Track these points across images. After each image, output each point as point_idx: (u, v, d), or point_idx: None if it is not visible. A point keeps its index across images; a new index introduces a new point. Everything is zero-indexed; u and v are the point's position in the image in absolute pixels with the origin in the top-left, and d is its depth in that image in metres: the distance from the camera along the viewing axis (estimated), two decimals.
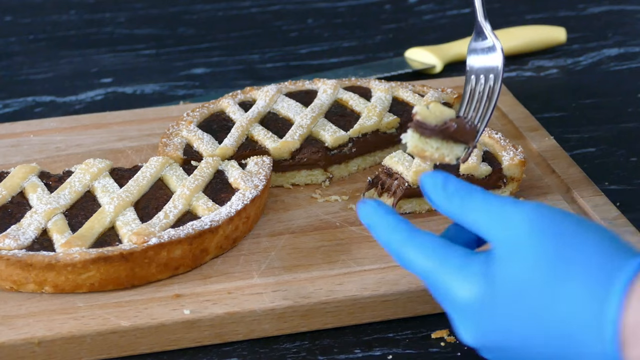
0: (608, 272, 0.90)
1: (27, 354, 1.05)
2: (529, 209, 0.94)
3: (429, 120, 1.04)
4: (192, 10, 1.97)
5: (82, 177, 1.21)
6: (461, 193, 0.97)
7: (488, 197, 0.96)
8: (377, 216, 1.00)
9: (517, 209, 0.94)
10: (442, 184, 0.98)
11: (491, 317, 0.94)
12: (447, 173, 1.00)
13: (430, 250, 0.96)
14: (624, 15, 1.92)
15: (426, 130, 1.04)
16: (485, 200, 0.96)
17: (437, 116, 1.05)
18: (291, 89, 1.42)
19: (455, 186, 0.98)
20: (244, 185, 1.21)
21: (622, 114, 1.56)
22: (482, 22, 1.18)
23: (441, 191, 0.98)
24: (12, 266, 1.09)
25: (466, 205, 0.97)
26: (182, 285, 1.12)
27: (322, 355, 1.08)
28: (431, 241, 0.97)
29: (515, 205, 0.94)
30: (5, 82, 1.69)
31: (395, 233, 0.98)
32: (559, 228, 0.92)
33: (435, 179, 0.99)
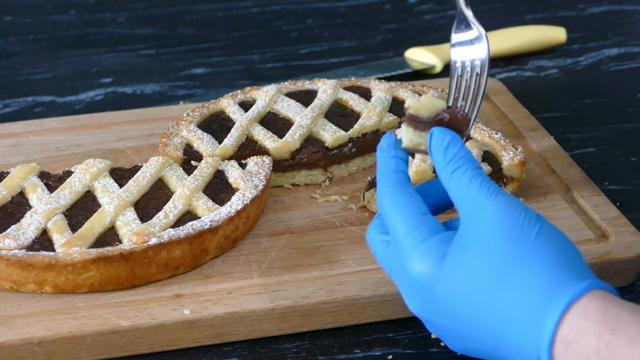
0: (555, 287, 0.93)
1: (27, 354, 1.05)
2: (501, 206, 0.95)
3: (421, 113, 1.04)
4: (192, 10, 1.97)
5: (82, 177, 1.21)
6: (456, 163, 0.99)
7: (475, 178, 0.98)
8: (386, 151, 1.04)
9: (490, 203, 0.96)
10: (445, 146, 1.00)
11: (433, 295, 0.97)
12: (456, 136, 1.02)
13: (405, 212, 1.00)
14: (624, 15, 1.92)
15: (420, 123, 1.04)
16: (471, 182, 0.98)
17: (429, 108, 1.04)
18: (291, 89, 1.42)
19: (453, 154, 1.00)
20: (244, 185, 1.21)
21: (622, 114, 1.56)
22: (464, 9, 1.17)
23: (441, 153, 1.01)
24: (12, 266, 1.09)
25: (454, 178, 0.99)
26: (182, 285, 1.12)
27: (322, 355, 1.08)
28: (410, 204, 1.00)
29: (491, 198, 0.96)
30: (5, 82, 1.69)
31: (387, 177, 1.02)
32: (522, 233, 0.94)
33: (443, 139, 1.01)
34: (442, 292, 0.96)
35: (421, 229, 0.98)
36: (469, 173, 0.98)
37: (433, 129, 1.02)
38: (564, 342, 0.90)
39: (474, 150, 1.26)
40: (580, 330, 0.89)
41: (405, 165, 1.04)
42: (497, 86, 1.55)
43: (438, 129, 1.02)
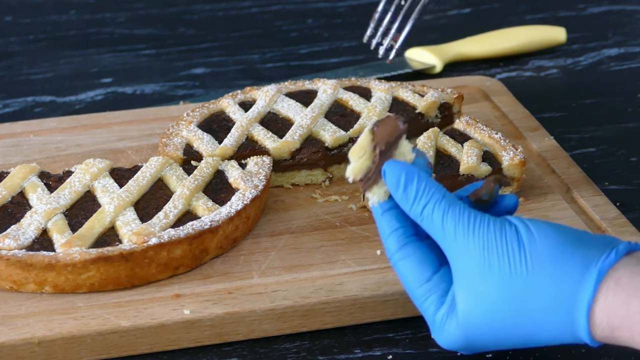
0: (576, 280, 0.92)
1: (27, 354, 1.05)
2: (481, 240, 0.94)
3: (363, 169, 0.99)
4: (192, 10, 1.97)
5: (82, 177, 1.21)
6: (422, 201, 0.96)
7: (446, 216, 0.95)
8: (374, 211, 1.00)
9: (471, 241, 0.94)
10: (403, 184, 0.97)
11: (466, 346, 0.98)
12: (412, 168, 0.97)
13: (410, 284, 0.99)
14: (624, 15, 1.92)
15: (370, 177, 0.99)
16: (443, 221, 0.95)
17: (362, 154, 0.98)
18: (291, 89, 1.42)
19: (415, 190, 0.97)
20: (244, 185, 1.21)
21: (622, 114, 1.56)
22: None
23: (402, 193, 0.97)
24: (12, 266, 1.09)
25: (425, 218, 0.96)
26: (182, 285, 1.12)
27: (322, 355, 1.08)
28: (412, 273, 0.98)
29: (468, 236, 0.94)
30: (5, 82, 1.69)
31: (386, 242, 1.01)
32: (513, 258, 0.94)
33: (398, 176, 0.97)
34: (472, 340, 0.96)
35: (428, 301, 0.98)
36: (439, 209, 0.95)
37: (384, 169, 0.98)
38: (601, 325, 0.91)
39: (474, 151, 1.26)
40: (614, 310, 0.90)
41: (398, 215, 0.99)
42: (497, 86, 1.55)
43: (388, 166, 0.97)
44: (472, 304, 0.94)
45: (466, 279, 0.95)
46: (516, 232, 0.94)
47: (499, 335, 0.95)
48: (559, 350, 1.06)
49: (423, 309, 0.99)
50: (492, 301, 0.94)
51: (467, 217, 0.95)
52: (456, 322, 0.96)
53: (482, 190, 1.00)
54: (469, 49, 1.72)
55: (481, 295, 0.94)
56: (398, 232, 0.99)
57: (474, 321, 0.95)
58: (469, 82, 1.56)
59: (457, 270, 0.96)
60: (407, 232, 1.00)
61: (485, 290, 0.94)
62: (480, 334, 0.95)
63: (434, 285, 0.98)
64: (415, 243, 0.99)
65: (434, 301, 0.98)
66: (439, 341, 0.99)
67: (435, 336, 0.99)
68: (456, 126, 1.34)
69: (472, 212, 0.96)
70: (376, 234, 1.20)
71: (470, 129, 1.33)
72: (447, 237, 0.95)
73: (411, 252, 0.99)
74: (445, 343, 0.98)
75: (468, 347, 0.98)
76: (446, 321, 0.97)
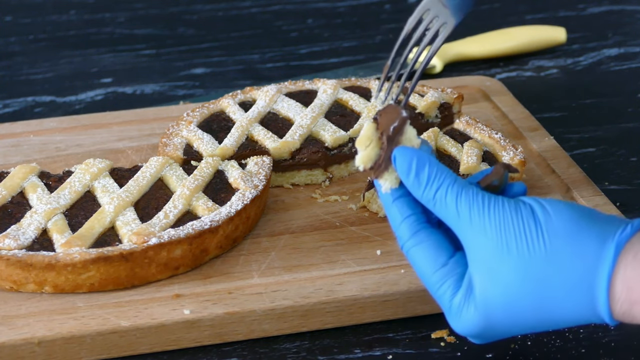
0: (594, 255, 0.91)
1: (27, 354, 1.05)
2: (498, 219, 0.93)
3: (372, 157, 0.99)
4: (192, 10, 1.97)
5: (82, 177, 1.21)
6: (434, 185, 0.96)
7: (460, 197, 0.95)
8: (384, 199, 0.99)
9: (487, 221, 0.94)
10: (415, 169, 0.96)
11: (484, 334, 0.97)
12: (422, 153, 0.97)
13: (425, 270, 0.98)
14: (624, 15, 1.92)
15: (381, 163, 0.99)
16: (457, 203, 0.95)
17: (369, 143, 0.98)
18: (291, 89, 1.42)
19: (428, 174, 0.96)
20: (244, 185, 1.21)
21: (622, 114, 1.56)
22: None
23: (414, 178, 0.96)
24: (12, 266, 1.09)
25: (438, 202, 0.96)
26: (182, 285, 1.12)
27: (322, 355, 1.08)
28: (427, 258, 0.97)
29: (484, 216, 0.94)
30: (5, 82, 1.69)
31: (397, 230, 0.99)
32: (530, 237, 0.93)
33: (410, 161, 0.97)
34: (490, 323, 0.95)
35: (444, 287, 0.97)
36: (452, 192, 0.95)
37: (394, 154, 0.97)
38: (620, 299, 0.91)
39: (474, 151, 1.26)
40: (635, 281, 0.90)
41: (409, 202, 0.99)
42: (497, 86, 1.55)
43: (398, 152, 0.97)
44: (490, 285, 0.93)
45: (483, 261, 0.94)
46: (531, 211, 0.94)
47: (517, 317, 0.94)
48: (559, 351, 1.07)
49: (439, 295, 0.97)
50: (511, 281, 0.93)
51: (481, 198, 0.95)
52: (474, 306, 0.95)
53: (492, 176, 1.00)
54: (469, 49, 1.72)
55: (499, 275, 0.93)
56: (410, 218, 0.98)
57: (492, 303, 0.94)
58: (469, 82, 1.56)
59: (473, 252, 0.94)
60: (420, 218, 0.98)
61: (503, 270, 0.93)
62: (499, 317, 0.94)
63: (450, 270, 0.97)
64: (429, 229, 0.98)
65: (451, 286, 0.96)
66: (457, 327, 0.97)
67: (452, 322, 0.97)
68: (456, 126, 1.34)
69: (486, 194, 0.95)
70: (376, 234, 1.20)
71: (470, 129, 1.33)
72: (462, 220, 0.95)
73: (425, 237, 0.98)
74: (463, 329, 0.97)
75: (485, 331, 0.96)
76: (464, 305, 0.95)
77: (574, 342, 1.08)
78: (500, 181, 1.00)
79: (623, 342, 1.08)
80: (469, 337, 0.98)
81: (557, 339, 1.08)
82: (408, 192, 0.99)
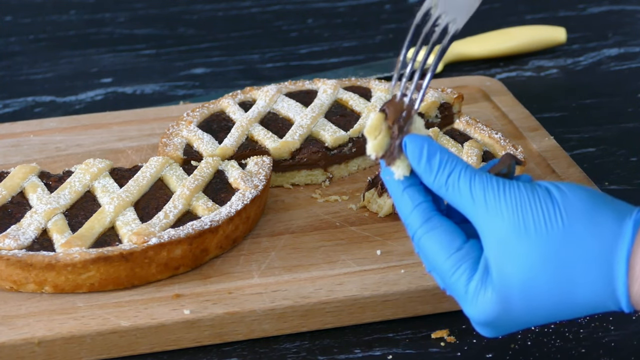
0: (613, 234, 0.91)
1: (27, 354, 1.05)
2: (514, 201, 0.93)
3: (384, 146, 0.98)
4: (192, 10, 1.97)
5: (82, 177, 1.21)
6: (446, 170, 0.95)
7: (473, 182, 0.94)
8: (394, 187, 0.98)
9: (503, 205, 0.93)
10: (427, 155, 0.95)
11: (499, 325, 0.96)
12: (432, 140, 0.96)
13: (438, 256, 0.96)
14: (624, 15, 1.92)
15: (392, 151, 0.98)
16: (471, 188, 0.94)
17: (378, 132, 0.98)
18: (291, 89, 1.42)
19: (440, 159, 0.95)
20: (244, 185, 1.21)
21: (622, 114, 1.56)
22: None
23: (426, 164, 0.96)
24: (12, 266, 1.09)
25: (450, 187, 0.95)
26: (182, 285, 1.12)
27: (322, 355, 1.08)
28: (440, 244, 0.96)
29: (499, 199, 0.93)
30: (5, 82, 1.69)
31: (407, 218, 0.98)
32: (547, 219, 0.92)
33: (421, 148, 0.96)
34: (508, 308, 0.94)
35: (459, 271, 0.95)
36: (465, 177, 0.94)
37: (404, 141, 0.97)
38: (639, 279, 0.90)
39: (474, 151, 1.26)
40: None
41: (420, 190, 0.98)
42: (497, 86, 1.55)
43: (409, 139, 0.96)
44: (509, 267, 0.92)
45: (500, 243, 0.92)
46: (548, 192, 0.93)
47: (535, 300, 0.92)
48: (559, 351, 1.07)
49: (453, 281, 0.95)
50: (529, 261, 0.92)
51: (495, 182, 0.94)
52: (492, 289, 0.93)
53: (500, 165, 0.99)
54: (469, 49, 1.72)
55: (518, 256, 0.92)
56: (422, 206, 0.97)
57: (510, 284, 0.92)
58: (469, 82, 1.56)
59: (489, 235, 0.93)
60: (431, 206, 0.97)
61: (521, 251, 0.92)
62: (517, 299, 0.93)
63: (466, 254, 0.95)
64: (440, 216, 0.97)
65: (466, 270, 0.94)
66: (473, 314, 0.95)
67: (468, 309, 0.95)
68: (456, 126, 1.34)
69: (499, 178, 0.94)
70: (376, 234, 1.20)
71: (470, 129, 1.33)
72: (477, 204, 0.93)
73: (437, 224, 0.96)
74: (479, 315, 0.95)
75: (502, 318, 0.94)
76: (480, 289, 0.94)
77: (574, 342, 1.08)
78: (508, 170, 1.00)
79: (623, 342, 1.08)
80: (484, 325, 0.96)
81: (557, 339, 1.08)
82: (418, 182, 0.98)
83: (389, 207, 1.23)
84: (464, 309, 0.96)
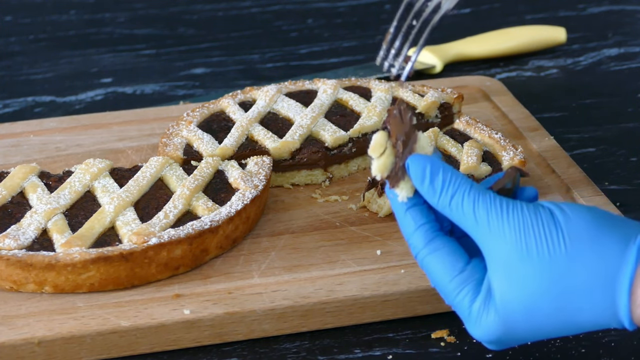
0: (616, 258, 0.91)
1: (27, 354, 1.05)
2: (517, 224, 0.93)
3: (388, 166, 0.98)
4: (192, 10, 1.97)
5: (82, 177, 1.21)
6: (449, 191, 0.95)
7: (477, 203, 0.94)
8: (397, 208, 0.98)
9: (506, 226, 0.93)
10: (429, 176, 0.96)
11: (503, 341, 0.96)
12: (435, 160, 0.96)
13: (441, 278, 0.97)
14: (624, 15, 1.92)
15: (396, 173, 0.98)
16: (475, 209, 0.94)
17: (382, 152, 0.97)
18: (291, 89, 1.42)
19: (443, 180, 0.95)
20: (244, 185, 1.21)
21: (622, 114, 1.56)
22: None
23: (429, 186, 0.96)
24: (12, 266, 1.09)
25: (454, 208, 0.95)
26: (182, 285, 1.12)
27: (322, 355, 1.08)
28: (443, 267, 0.96)
29: (503, 221, 0.93)
30: (5, 82, 1.69)
31: (410, 239, 0.98)
32: (550, 242, 0.92)
33: (423, 169, 0.96)
34: (510, 329, 0.94)
35: (462, 293, 0.96)
36: (468, 198, 0.94)
37: (407, 162, 0.97)
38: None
39: (474, 151, 1.26)
40: None
41: (423, 211, 0.98)
42: (497, 86, 1.55)
43: (412, 160, 0.96)
44: (511, 289, 0.93)
45: (503, 266, 0.93)
46: (551, 214, 0.93)
47: (538, 321, 0.93)
48: (559, 351, 1.07)
49: (457, 302, 0.96)
50: (532, 285, 0.92)
51: (498, 203, 0.94)
52: (494, 311, 0.94)
53: (505, 179, 0.99)
54: (469, 49, 1.72)
55: (520, 280, 0.92)
56: (425, 227, 0.98)
57: (512, 307, 0.93)
58: (469, 82, 1.56)
59: (492, 257, 0.94)
60: (434, 227, 0.98)
61: (524, 274, 0.92)
62: (519, 321, 0.93)
63: (468, 276, 0.96)
64: (443, 237, 0.97)
65: (469, 292, 0.95)
66: (476, 334, 0.96)
67: (471, 329, 0.96)
68: (456, 126, 1.34)
69: (503, 199, 0.94)
70: (376, 234, 1.20)
71: (470, 129, 1.33)
72: (480, 225, 0.94)
73: (440, 245, 0.97)
74: (482, 335, 0.96)
75: (505, 336, 0.95)
76: (483, 311, 0.94)
77: (574, 342, 1.08)
78: (513, 184, 0.99)
79: (623, 342, 1.08)
80: (487, 343, 0.97)
81: (557, 338, 1.08)
82: (421, 201, 0.98)
83: (389, 207, 1.23)
84: (467, 328, 0.97)
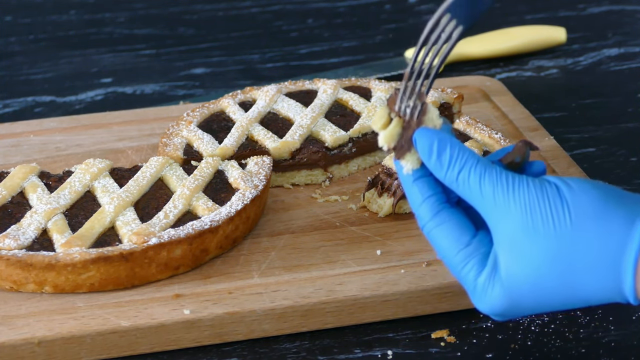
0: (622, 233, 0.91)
1: (27, 354, 1.05)
2: (524, 199, 0.93)
3: (394, 136, 0.98)
4: (192, 10, 1.97)
5: (82, 177, 1.21)
6: (457, 166, 0.95)
7: (483, 178, 0.94)
8: (404, 180, 0.99)
9: (512, 201, 0.93)
10: (437, 152, 0.96)
11: (508, 312, 0.96)
12: (443, 135, 0.96)
13: (448, 251, 0.97)
14: (624, 15, 1.92)
15: (402, 145, 0.97)
16: (481, 184, 0.94)
17: (382, 125, 0.98)
18: (291, 89, 1.42)
19: (450, 156, 0.95)
20: (244, 185, 1.21)
21: (622, 114, 1.56)
22: None
23: (436, 161, 0.96)
24: (12, 266, 1.09)
25: (461, 183, 0.95)
26: (182, 285, 1.12)
27: (322, 355, 1.08)
28: (450, 239, 0.97)
29: (509, 195, 0.93)
30: (5, 82, 1.69)
31: (417, 210, 0.98)
32: (556, 215, 0.92)
33: (431, 144, 0.96)
34: (515, 302, 0.95)
35: (468, 266, 0.96)
36: (475, 174, 0.95)
37: (414, 136, 0.96)
38: None
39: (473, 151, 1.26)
40: None
41: (430, 183, 0.98)
42: (497, 86, 1.55)
43: (419, 134, 0.96)
44: (516, 265, 0.93)
45: (509, 240, 0.93)
46: (557, 189, 0.93)
47: (543, 295, 0.93)
48: (559, 351, 1.07)
49: (462, 275, 0.96)
50: (537, 260, 0.92)
51: (505, 178, 0.94)
52: (500, 285, 0.94)
53: (514, 153, 0.99)
54: (469, 49, 1.72)
55: (525, 255, 0.92)
56: (431, 199, 0.98)
57: (518, 282, 0.93)
58: (469, 82, 1.56)
59: (498, 232, 0.94)
60: (441, 198, 0.98)
61: (529, 249, 0.92)
62: (524, 295, 0.94)
63: (474, 250, 0.96)
64: (450, 209, 0.97)
65: (475, 265, 0.95)
66: (481, 307, 0.96)
67: (476, 302, 0.97)
68: (456, 126, 1.34)
69: (510, 173, 0.94)
70: (376, 234, 1.20)
71: (470, 129, 1.33)
72: (486, 201, 0.94)
73: (447, 218, 0.97)
74: (488, 308, 0.96)
75: (510, 310, 0.95)
76: (489, 285, 0.95)
77: (574, 342, 1.08)
78: (522, 157, 0.99)
79: (623, 342, 1.08)
80: (492, 315, 0.97)
81: (557, 339, 1.08)
82: (428, 172, 0.98)
83: (389, 207, 1.23)
84: (472, 300, 0.97)
